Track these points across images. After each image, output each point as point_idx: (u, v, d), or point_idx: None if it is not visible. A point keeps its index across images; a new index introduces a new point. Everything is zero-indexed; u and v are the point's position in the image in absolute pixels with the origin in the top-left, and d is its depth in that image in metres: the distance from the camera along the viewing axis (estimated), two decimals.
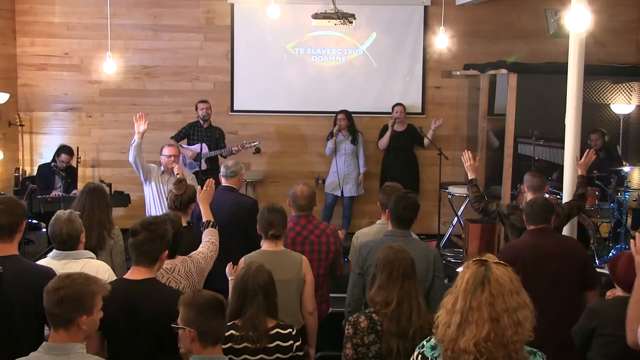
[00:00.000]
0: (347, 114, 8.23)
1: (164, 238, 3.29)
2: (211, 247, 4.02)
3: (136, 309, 3.14)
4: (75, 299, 2.62)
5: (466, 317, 2.37)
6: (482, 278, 2.39)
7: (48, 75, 8.82)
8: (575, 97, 5.39)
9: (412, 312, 3.22)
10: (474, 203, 5.29)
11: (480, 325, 2.34)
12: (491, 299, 2.36)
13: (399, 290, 3.25)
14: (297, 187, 4.55)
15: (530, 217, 4.36)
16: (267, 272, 3.40)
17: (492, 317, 2.34)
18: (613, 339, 3.18)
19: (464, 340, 2.35)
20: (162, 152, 6.42)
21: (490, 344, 2.34)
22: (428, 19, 8.77)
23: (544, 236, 4.29)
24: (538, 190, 5.01)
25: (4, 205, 3.36)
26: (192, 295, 2.80)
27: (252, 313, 3.28)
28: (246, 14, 8.72)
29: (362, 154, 8.38)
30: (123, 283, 3.27)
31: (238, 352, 3.26)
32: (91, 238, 4.17)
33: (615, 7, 8.65)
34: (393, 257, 3.32)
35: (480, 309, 2.35)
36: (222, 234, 4.23)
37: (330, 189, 8.34)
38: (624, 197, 7.12)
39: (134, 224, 3.30)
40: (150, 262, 3.26)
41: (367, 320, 3.27)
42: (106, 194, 4.57)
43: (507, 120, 7.51)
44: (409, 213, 4.09)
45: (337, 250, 4.45)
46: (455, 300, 2.41)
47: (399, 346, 3.19)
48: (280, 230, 4.03)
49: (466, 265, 2.49)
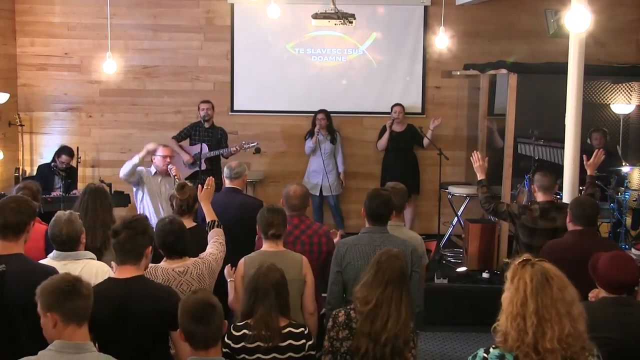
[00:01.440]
0: (326, 113, 8.29)
1: (146, 233, 3.29)
2: (220, 248, 4.04)
3: (127, 307, 3.14)
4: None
5: (542, 317, 2.36)
6: (543, 276, 2.39)
7: (48, 75, 8.83)
8: (575, 97, 5.39)
9: (390, 319, 3.21)
10: (484, 204, 5.28)
11: (559, 322, 2.36)
12: (560, 294, 2.38)
13: (381, 293, 3.25)
14: (290, 187, 4.57)
15: (580, 219, 4.27)
16: (279, 271, 3.41)
17: (567, 310, 2.37)
18: (602, 342, 3.16)
19: (548, 340, 2.34)
20: (155, 152, 6.42)
21: (570, 338, 2.36)
22: (428, 19, 8.77)
23: (590, 238, 4.25)
24: (548, 190, 5.00)
25: (14, 204, 3.39)
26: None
27: (264, 312, 3.29)
28: (246, 14, 8.72)
29: (340, 153, 8.44)
30: (112, 282, 3.27)
31: (251, 351, 3.26)
32: (96, 238, 4.18)
33: (615, 7, 8.65)
34: (384, 260, 3.33)
35: (555, 306, 2.37)
36: (228, 235, 4.23)
37: (310, 188, 8.27)
38: (624, 197, 7.12)
39: (115, 226, 3.31)
40: (135, 260, 3.26)
41: (344, 315, 3.32)
42: (108, 194, 4.58)
43: (507, 120, 7.51)
44: (383, 210, 4.10)
45: (329, 251, 4.43)
46: (522, 303, 2.38)
47: (368, 347, 3.20)
48: (280, 230, 4.03)
49: (516, 268, 2.46)
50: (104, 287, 3.23)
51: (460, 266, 7.32)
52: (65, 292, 2.68)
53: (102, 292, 3.11)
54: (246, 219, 4.85)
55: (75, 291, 2.70)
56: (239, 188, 5.30)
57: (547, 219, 4.91)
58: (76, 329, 2.68)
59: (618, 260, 3.26)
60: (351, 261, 3.98)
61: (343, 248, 4.06)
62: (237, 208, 5.01)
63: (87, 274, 3.58)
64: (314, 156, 8.31)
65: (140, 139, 8.87)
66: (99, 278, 3.58)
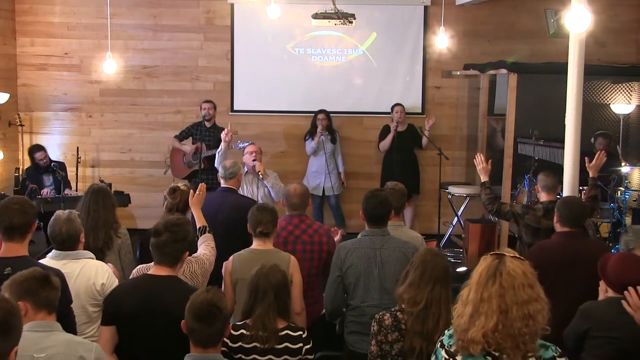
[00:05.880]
0: (326, 113, 8.29)
1: (186, 240, 3.34)
2: (212, 251, 4.04)
3: (159, 303, 3.17)
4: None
5: (477, 308, 2.43)
6: (494, 270, 2.45)
7: (48, 75, 8.83)
8: (575, 97, 5.38)
9: (440, 318, 3.19)
10: (487, 205, 5.27)
11: (489, 317, 2.41)
12: (501, 291, 2.42)
13: (430, 292, 3.22)
14: (290, 185, 4.58)
15: (568, 219, 4.24)
16: (281, 272, 3.40)
17: (502, 308, 2.40)
18: (606, 341, 3.18)
19: (474, 331, 2.41)
20: (238, 145, 6.46)
21: (498, 334, 2.39)
22: (428, 19, 8.77)
23: (578, 239, 4.21)
24: (552, 190, 4.99)
25: (18, 205, 3.38)
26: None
27: (262, 312, 3.28)
28: (246, 14, 8.72)
29: (339, 152, 8.46)
30: (147, 278, 3.33)
31: (247, 351, 3.26)
32: (98, 238, 4.18)
33: (615, 7, 8.65)
34: (429, 259, 3.29)
35: (490, 301, 2.42)
36: (223, 235, 4.24)
37: (311, 189, 8.30)
38: (624, 197, 7.12)
39: (157, 224, 3.34)
40: (172, 263, 3.31)
41: (391, 318, 3.26)
42: (110, 194, 4.57)
43: (507, 120, 7.51)
44: (380, 210, 4.06)
45: (329, 250, 4.42)
46: (469, 292, 2.48)
47: (422, 346, 3.17)
48: (269, 228, 4.03)
49: (483, 258, 2.54)
50: (138, 281, 3.28)
51: (460, 266, 7.32)
52: (38, 281, 2.74)
53: (136, 286, 3.15)
54: (240, 219, 4.85)
55: (47, 282, 2.76)
56: (234, 188, 5.30)
57: (550, 218, 4.89)
58: (46, 316, 2.74)
59: (628, 261, 3.27)
60: (352, 265, 3.95)
61: (343, 252, 4.03)
62: (231, 208, 5.00)
63: (87, 273, 3.60)
64: (315, 157, 8.31)
65: (140, 139, 8.90)
66: (98, 277, 3.59)
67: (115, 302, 3.25)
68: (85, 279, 3.58)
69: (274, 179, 6.25)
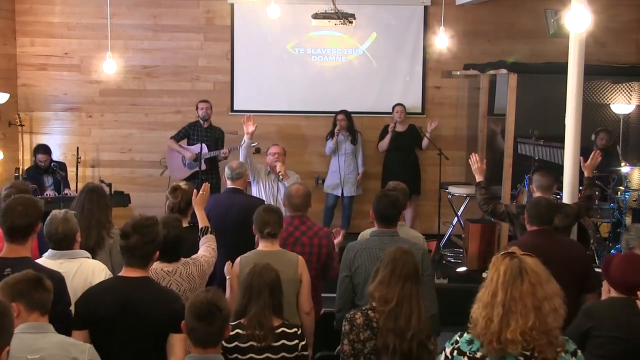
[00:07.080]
0: (346, 114, 8.24)
1: (155, 241, 3.28)
2: (212, 253, 4.02)
3: (132, 305, 3.14)
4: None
5: (509, 309, 2.45)
6: (518, 269, 2.48)
7: (48, 75, 8.83)
8: (575, 97, 5.39)
9: (412, 315, 3.22)
10: (483, 205, 5.27)
11: (525, 315, 2.43)
12: (532, 289, 2.46)
13: (400, 290, 3.24)
14: (292, 186, 4.58)
15: (535, 218, 4.30)
16: (274, 271, 3.40)
17: (535, 305, 2.44)
18: (608, 340, 3.18)
19: (510, 331, 2.43)
20: (268, 151, 6.42)
21: (535, 332, 2.43)
22: (428, 19, 8.77)
23: (546, 238, 4.24)
24: (547, 189, 4.99)
25: (22, 206, 3.37)
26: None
27: (257, 311, 3.28)
28: (246, 14, 8.72)
29: (360, 154, 8.41)
30: (120, 279, 3.28)
31: (244, 350, 3.25)
32: (90, 238, 4.16)
33: (615, 7, 8.65)
34: (399, 256, 3.31)
35: (523, 299, 2.45)
36: (230, 235, 4.22)
37: (331, 189, 8.35)
38: (624, 197, 7.12)
39: (125, 226, 3.27)
40: (144, 264, 3.26)
41: (362, 317, 3.29)
42: (105, 193, 4.55)
43: (507, 120, 7.51)
44: (391, 210, 4.08)
45: (329, 252, 4.43)
46: (493, 294, 2.49)
47: (395, 343, 3.19)
48: (276, 228, 4.02)
49: (496, 259, 2.56)
50: (110, 283, 3.25)
51: (460, 266, 7.33)
52: (31, 283, 2.75)
53: (109, 288, 3.13)
54: (250, 219, 4.87)
55: (40, 284, 2.77)
56: (240, 188, 5.29)
57: None
58: (39, 317, 2.75)
59: (631, 261, 3.28)
60: (361, 265, 3.97)
61: (352, 252, 4.04)
62: (240, 208, 4.98)
63: (84, 273, 3.58)
64: (335, 157, 8.29)
65: (140, 139, 8.90)
66: (95, 277, 3.58)
67: (89, 305, 3.17)
68: (82, 279, 3.56)
69: (295, 180, 6.24)
